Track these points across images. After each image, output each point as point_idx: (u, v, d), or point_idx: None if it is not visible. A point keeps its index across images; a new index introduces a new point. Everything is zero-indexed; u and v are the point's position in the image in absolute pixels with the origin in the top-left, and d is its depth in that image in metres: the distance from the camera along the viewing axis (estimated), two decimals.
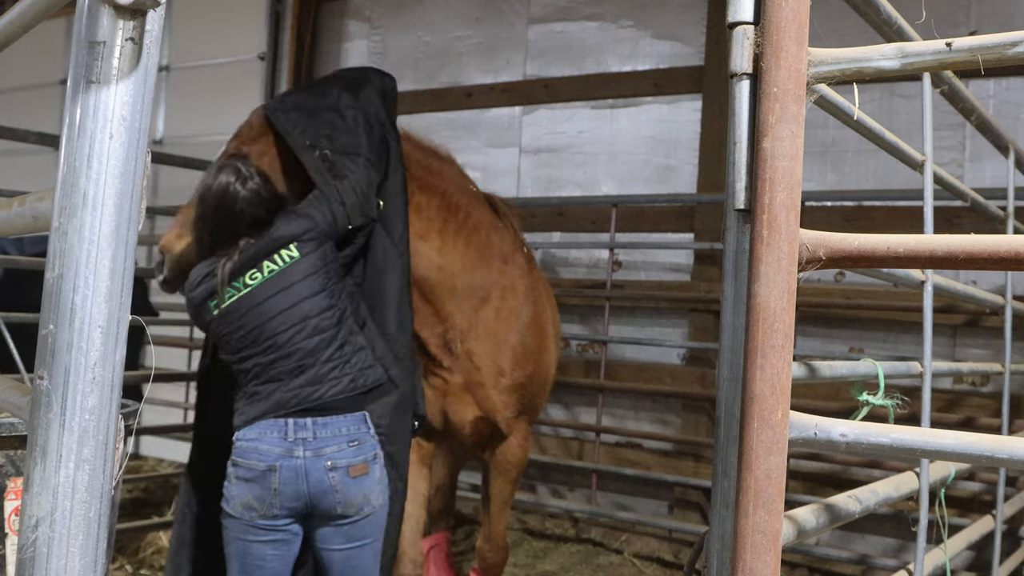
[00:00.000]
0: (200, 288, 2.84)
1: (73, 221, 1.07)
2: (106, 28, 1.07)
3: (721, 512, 1.41)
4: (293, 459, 2.68)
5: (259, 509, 2.68)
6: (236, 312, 2.78)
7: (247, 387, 2.79)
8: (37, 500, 1.06)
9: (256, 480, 2.67)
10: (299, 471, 2.67)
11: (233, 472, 2.71)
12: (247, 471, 2.69)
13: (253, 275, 2.80)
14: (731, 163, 1.40)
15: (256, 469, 2.68)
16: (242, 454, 2.70)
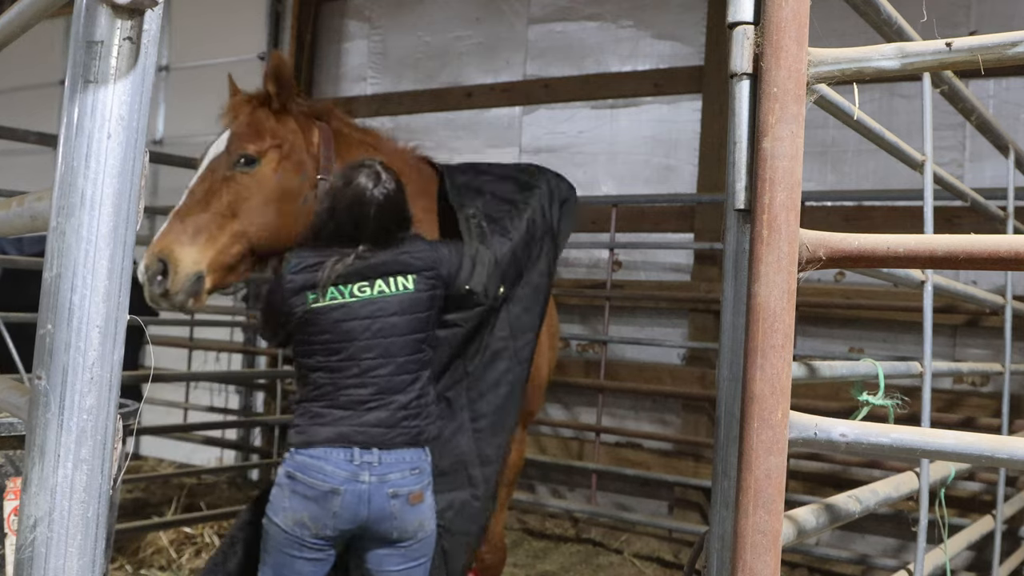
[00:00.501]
0: (302, 275, 2.74)
1: (71, 221, 1.07)
2: (104, 28, 1.07)
3: (721, 512, 1.41)
4: (358, 483, 2.62)
5: (312, 528, 2.61)
6: (329, 316, 2.70)
7: (312, 403, 2.71)
8: (35, 500, 1.06)
9: (316, 500, 2.60)
10: (362, 496, 2.62)
11: (289, 485, 2.63)
12: (308, 488, 2.61)
13: (362, 288, 2.72)
14: (731, 163, 1.40)
15: (319, 489, 2.60)
16: (304, 470, 2.62)
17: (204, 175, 3.03)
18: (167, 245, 2.88)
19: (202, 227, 2.93)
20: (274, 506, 2.67)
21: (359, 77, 7.27)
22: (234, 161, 3.03)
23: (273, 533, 2.66)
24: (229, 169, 3.03)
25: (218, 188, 3.01)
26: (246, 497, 6.20)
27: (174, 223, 2.93)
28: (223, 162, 3.05)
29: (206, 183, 3.01)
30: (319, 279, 2.72)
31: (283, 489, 2.65)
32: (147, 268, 2.85)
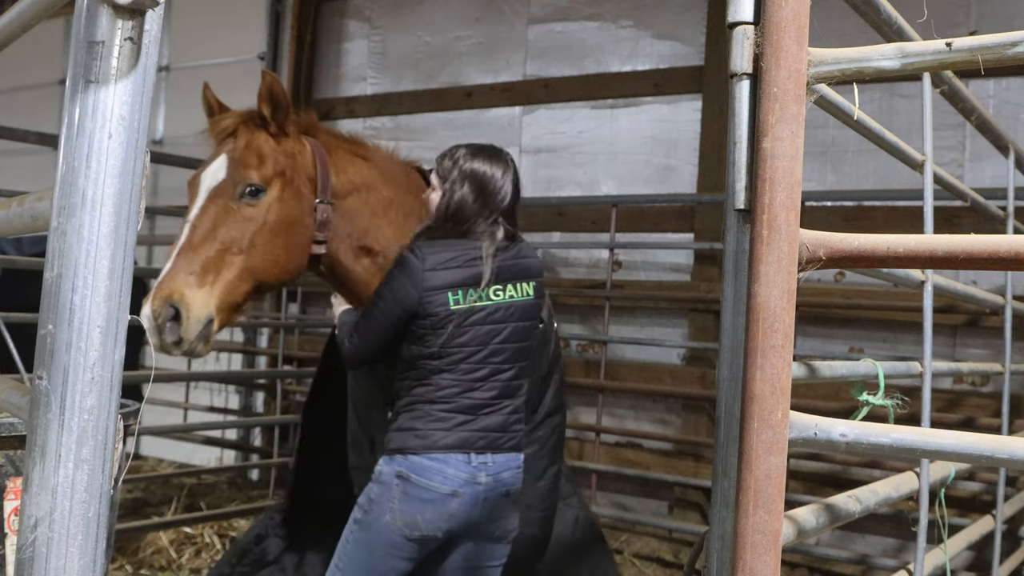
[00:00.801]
0: (443, 273, 2.65)
1: (72, 221, 1.07)
2: (105, 28, 1.07)
3: (721, 512, 1.41)
4: (475, 486, 2.62)
5: (423, 530, 2.58)
6: (470, 319, 2.66)
7: (432, 405, 2.65)
8: (36, 500, 1.06)
9: (433, 502, 2.57)
10: (477, 497, 2.62)
11: (400, 486, 2.58)
12: (424, 491, 2.57)
13: (497, 291, 2.70)
14: (731, 163, 1.40)
15: (438, 492, 2.58)
16: (420, 472, 2.58)
17: (206, 206, 2.81)
18: (177, 288, 2.66)
19: (209, 265, 2.73)
20: (378, 506, 2.59)
21: (359, 77, 7.27)
22: (240, 192, 2.83)
23: (374, 533, 2.59)
24: (234, 200, 2.83)
25: (223, 221, 2.80)
26: (246, 497, 6.20)
27: (180, 262, 2.70)
28: (226, 192, 2.84)
29: (209, 215, 2.80)
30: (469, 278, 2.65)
31: (391, 489, 2.59)
32: (156, 314, 2.61)
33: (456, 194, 2.73)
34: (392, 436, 2.68)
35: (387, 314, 2.69)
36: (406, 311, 2.66)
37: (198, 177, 2.87)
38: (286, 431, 6.63)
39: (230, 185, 2.82)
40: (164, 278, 2.67)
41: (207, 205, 2.81)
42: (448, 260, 2.67)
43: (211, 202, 2.82)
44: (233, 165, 2.85)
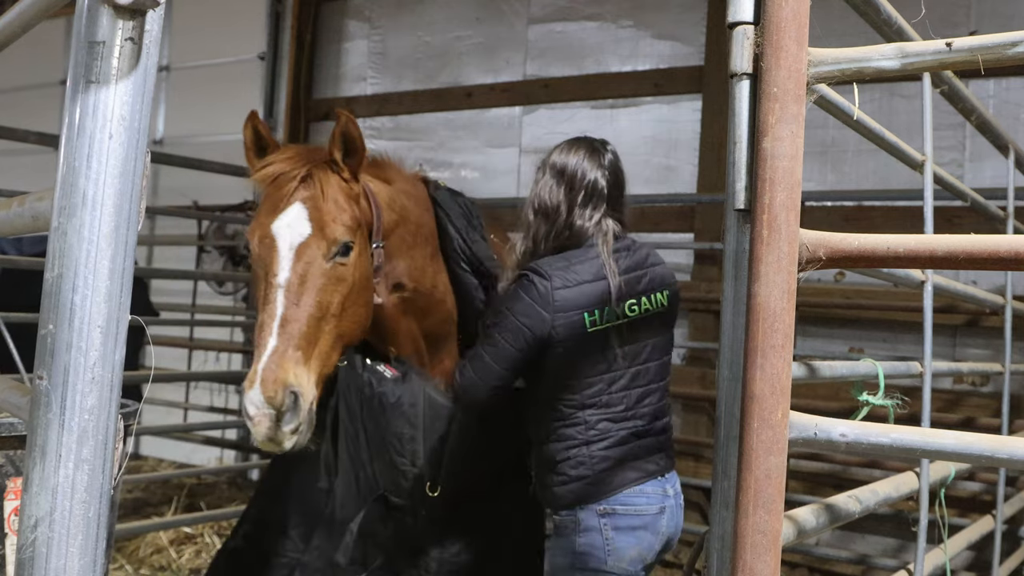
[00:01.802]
0: (574, 291, 2.39)
1: (72, 221, 1.07)
2: (106, 28, 1.07)
3: (721, 512, 1.41)
4: (669, 498, 2.51)
5: (645, 558, 2.43)
6: (607, 341, 2.43)
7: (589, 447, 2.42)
8: (36, 500, 1.06)
9: (647, 527, 2.43)
10: (673, 511, 2.51)
11: (610, 522, 2.40)
12: (636, 518, 2.42)
13: (632, 306, 2.46)
14: (731, 163, 1.40)
15: (647, 514, 2.43)
16: (624, 500, 2.41)
17: (297, 268, 2.48)
18: (291, 369, 2.34)
19: (312, 337, 2.43)
20: (593, 557, 2.40)
21: (359, 77, 7.27)
22: (333, 252, 2.52)
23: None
24: (326, 260, 2.51)
25: (316, 285, 2.48)
26: (246, 497, 6.20)
27: (283, 337, 2.38)
28: (315, 250, 2.51)
29: (301, 279, 2.47)
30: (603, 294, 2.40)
31: (600, 533, 2.40)
32: (274, 401, 2.28)
33: (536, 187, 2.55)
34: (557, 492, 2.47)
35: (517, 341, 2.41)
36: (538, 338, 2.40)
37: (270, 228, 2.52)
38: None
39: (319, 242, 2.51)
40: (273, 358, 2.34)
41: (298, 266, 2.48)
42: (576, 276, 2.42)
43: (300, 262, 2.49)
44: (318, 218, 2.52)
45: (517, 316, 2.41)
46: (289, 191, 2.56)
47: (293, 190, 2.56)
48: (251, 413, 2.27)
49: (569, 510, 2.45)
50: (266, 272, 2.49)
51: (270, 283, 2.46)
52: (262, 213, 2.58)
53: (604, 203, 2.51)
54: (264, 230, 2.53)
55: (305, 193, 2.56)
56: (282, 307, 2.42)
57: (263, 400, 2.27)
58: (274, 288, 2.45)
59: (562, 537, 2.46)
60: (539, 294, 2.39)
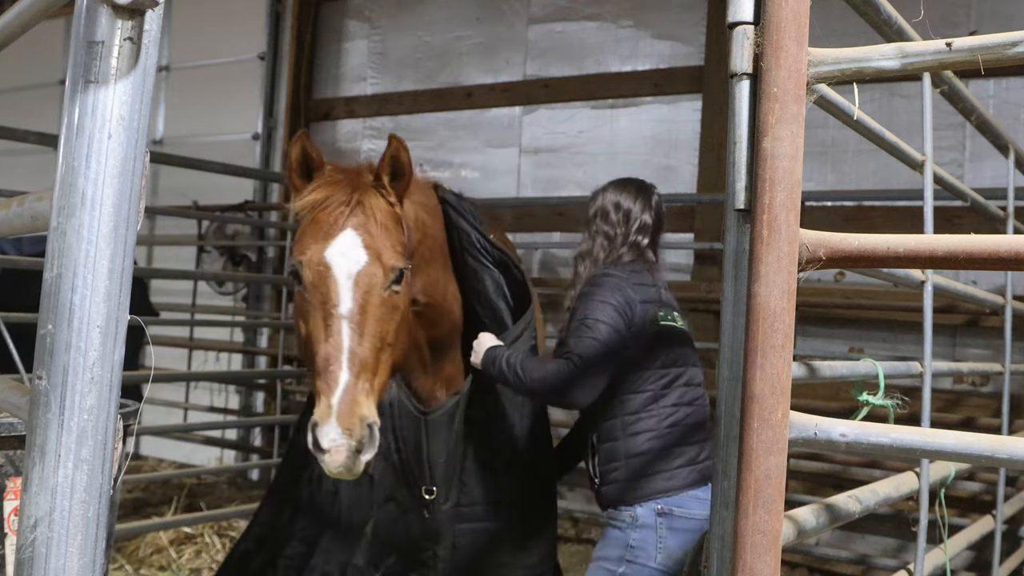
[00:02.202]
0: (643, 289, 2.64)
1: (72, 221, 1.07)
2: (104, 28, 1.07)
3: (721, 512, 1.41)
4: None
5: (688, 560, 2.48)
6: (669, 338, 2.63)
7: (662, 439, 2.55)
8: (36, 500, 1.06)
9: (700, 531, 2.47)
10: None
11: (665, 523, 2.50)
12: (691, 522, 2.51)
13: (672, 315, 2.73)
14: (731, 163, 1.40)
15: (700, 518, 2.51)
16: (683, 504, 2.52)
17: (356, 297, 2.46)
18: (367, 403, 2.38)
19: (375, 367, 2.46)
20: (644, 551, 2.49)
21: (359, 77, 7.27)
22: (390, 280, 2.52)
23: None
24: (385, 289, 2.51)
25: (376, 315, 2.48)
26: (246, 497, 6.20)
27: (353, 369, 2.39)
28: (374, 279, 2.50)
29: (362, 308, 2.46)
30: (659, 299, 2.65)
31: (654, 529, 2.50)
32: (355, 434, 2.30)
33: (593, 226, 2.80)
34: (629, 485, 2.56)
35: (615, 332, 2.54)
36: (627, 325, 2.57)
37: (323, 255, 2.49)
38: (286, 431, 6.63)
39: (377, 270, 2.50)
40: (347, 392, 2.35)
41: (358, 296, 2.47)
42: (638, 279, 2.67)
43: (360, 291, 2.48)
44: (372, 246, 2.52)
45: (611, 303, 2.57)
46: (339, 216, 2.52)
47: (344, 216, 2.53)
48: (325, 446, 2.28)
49: (629, 506, 2.54)
50: (324, 301, 2.46)
51: (330, 313, 2.44)
52: (310, 238, 2.53)
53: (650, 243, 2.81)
54: (318, 257, 2.49)
55: (356, 219, 2.53)
56: (348, 339, 2.41)
57: (341, 433, 2.29)
58: (336, 319, 2.43)
59: (617, 529, 2.55)
60: (620, 286, 2.60)
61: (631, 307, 2.59)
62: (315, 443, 2.32)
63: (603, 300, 2.59)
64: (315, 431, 2.32)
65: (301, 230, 2.60)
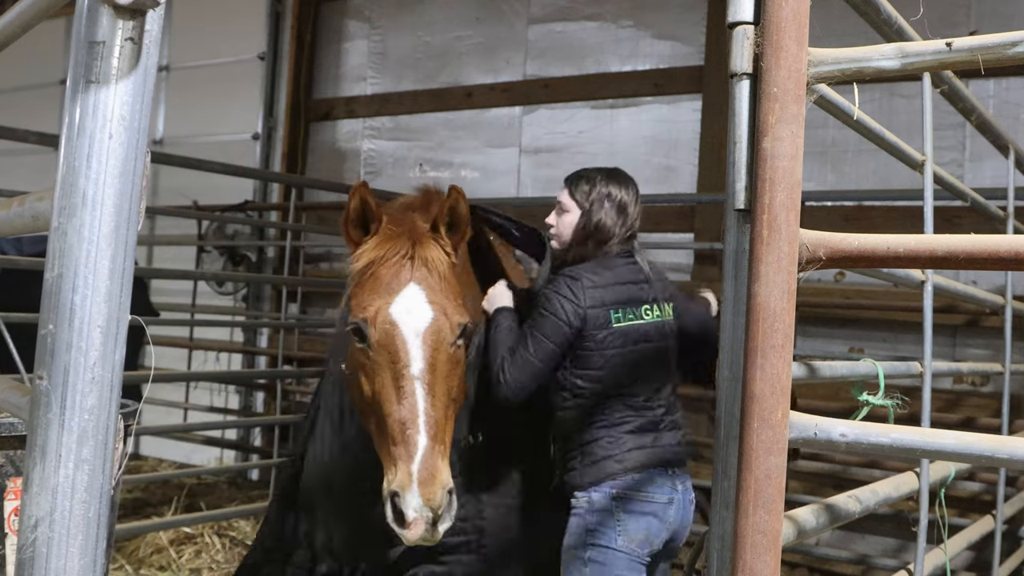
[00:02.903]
0: (603, 292, 2.66)
1: (72, 221, 1.07)
2: (105, 28, 1.07)
3: (721, 512, 1.41)
4: (677, 492, 2.68)
5: (651, 544, 2.62)
6: (630, 336, 2.68)
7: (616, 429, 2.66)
8: (36, 500, 1.06)
9: (655, 513, 2.62)
10: (680, 504, 2.68)
11: (620, 506, 2.61)
12: (647, 504, 2.62)
13: (647, 310, 2.74)
14: (731, 163, 1.40)
15: (657, 502, 2.63)
16: (637, 487, 2.62)
17: (426, 355, 2.41)
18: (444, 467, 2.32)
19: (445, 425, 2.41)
20: (604, 535, 2.59)
21: (359, 77, 7.27)
22: (456, 336, 2.49)
23: (615, 563, 2.58)
24: (451, 345, 2.48)
25: (445, 372, 2.45)
26: (246, 497, 6.20)
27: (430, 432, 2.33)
28: (440, 336, 2.45)
29: (431, 366, 2.42)
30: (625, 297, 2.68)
31: (611, 514, 2.60)
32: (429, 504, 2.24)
33: (596, 216, 2.77)
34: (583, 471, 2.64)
35: (556, 336, 2.61)
36: (573, 331, 2.62)
37: (388, 312, 2.44)
38: (286, 431, 6.63)
39: (443, 326, 2.46)
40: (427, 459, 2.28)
41: (428, 354, 2.42)
42: (603, 280, 2.69)
43: (429, 349, 2.42)
44: (437, 301, 2.48)
45: (555, 311, 2.61)
46: (400, 270, 2.48)
47: (405, 269, 2.48)
48: (410, 517, 2.22)
49: (584, 491, 2.63)
50: (393, 360, 2.40)
51: (401, 373, 2.38)
52: (372, 293, 2.47)
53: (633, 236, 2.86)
54: (384, 314, 2.43)
55: (418, 273, 2.48)
56: (422, 400, 2.35)
57: (422, 504, 2.23)
58: (408, 379, 2.37)
59: (577, 517, 2.64)
60: (574, 291, 2.62)
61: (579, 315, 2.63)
62: (397, 514, 2.26)
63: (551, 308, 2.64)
64: (396, 501, 2.25)
65: (359, 285, 2.53)
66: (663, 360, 2.77)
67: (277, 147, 7.53)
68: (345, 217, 2.56)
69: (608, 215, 2.78)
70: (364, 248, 2.53)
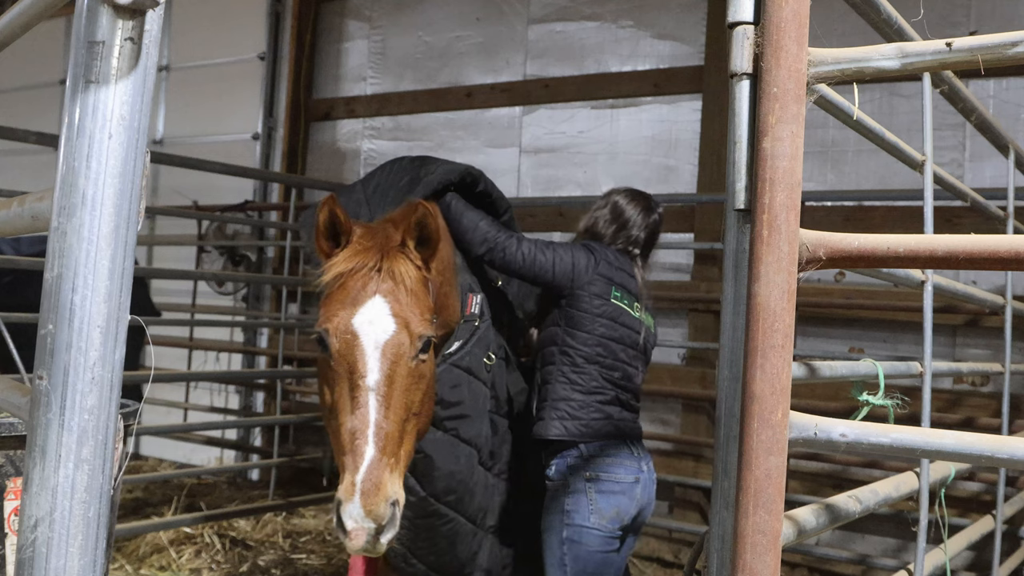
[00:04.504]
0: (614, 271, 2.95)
1: (72, 221, 1.07)
2: (105, 28, 1.07)
3: (721, 512, 1.41)
4: (643, 472, 2.90)
5: (621, 520, 2.83)
6: (624, 318, 2.95)
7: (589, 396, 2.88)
8: (36, 500, 1.06)
9: (624, 492, 2.83)
10: (645, 483, 2.90)
11: (593, 487, 2.82)
12: (616, 484, 2.83)
13: (637, 307, 3.02)
14: (731, 163, 1.40)
15: (624, 482, 2.84)
16: (605, 470, 2.84)
17: (384, 367, 2.40)
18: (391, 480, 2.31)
19: (400, 440, 2.39)
20: (579, 513, 2.80)
21: (359, 77, 7.27)
22: (417, 350, 2.46)
23: (590, 539, 2.80)
24: (412, 359, 2.45)
25: (404, 385, 2.43)
26: (246, 497, 6.21)
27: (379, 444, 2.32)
28: (401, 349, 2.44)
29: (388, 379, 2.40)
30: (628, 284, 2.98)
31: (586, 494, 2.82)
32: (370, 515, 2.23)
33: (593, 216, 3.13)
34: (549, 424, 2.86)
35: (559, 262, 2.89)
36: (572, 277, 2.90)
37: (351, 323, 2.44)
38: (286, 431, 6.63)
39: (404, 339, 2.44)
40: (371, 469, 2.28)
41: (385, 366, 2.41)
42: (616, 262, 2.98)
43: (387, 361, 2.42)
44: (400, 313, 2.47)
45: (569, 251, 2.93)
46: (367, 283, 2.48)
47: (372, 282, 2.48)
48: (349, 527, 2.22)
49: (561, 463, 2.86)
50: (350, 371, 2.40)
51: (357, 384, 2.38)
52: (338, 304, 2.48)
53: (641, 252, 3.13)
54: (345, 325, 2.44)
55: (385, 286, 2.48)
56: (374, 411, 2.35)
57: (363, 514, 2.22)
58: (363, 390, 2.37)
59: (554, 499, 2.87)
60: (591, 254, 2.94)
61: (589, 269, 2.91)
62: (339, 522, 2.26)
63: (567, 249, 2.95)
64: (339, 510, 2.26)
65: (328, 296, 2.53)
66: (640, 352, 3.02)
67: (277, 147, 7.53)
68: (316, 230, 2.55)
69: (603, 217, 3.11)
70: (334, 260, 2.53)
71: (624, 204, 3.12)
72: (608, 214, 3.11)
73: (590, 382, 2.88)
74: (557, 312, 2.95)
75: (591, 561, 2.80)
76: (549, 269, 2.90)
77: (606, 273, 2.91)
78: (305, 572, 4.86)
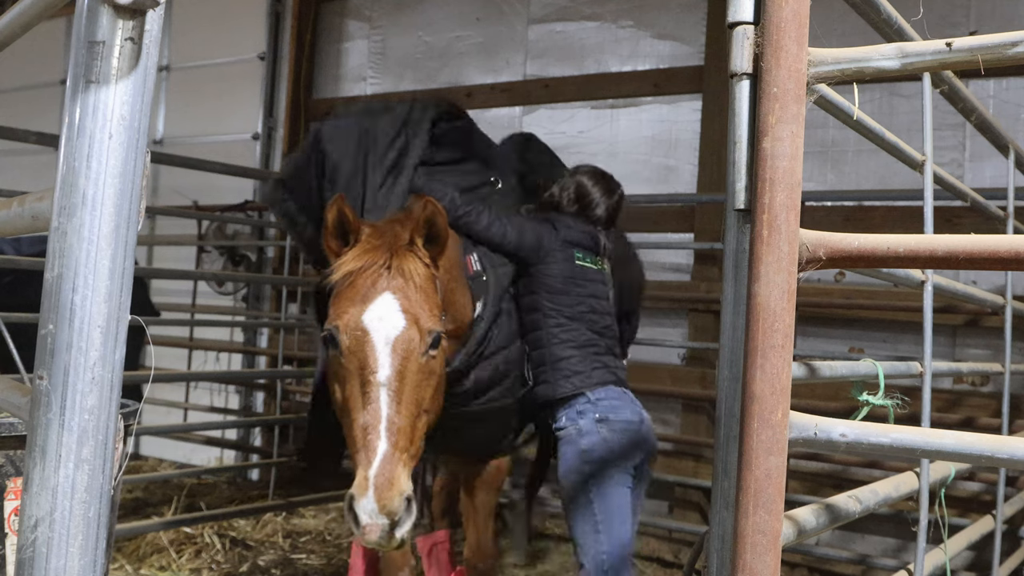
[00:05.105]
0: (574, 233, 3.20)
1: (72, 221, 1.07)
2: (105, 28, 1.07)
3: (721, 512, 1.41)
4: (644, 416, 3.11)
5: (632, 459, 3.02)
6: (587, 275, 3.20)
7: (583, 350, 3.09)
8: (36, 500, 1.06)
9: (632, 431, 3.02)
10: (649, 427, 3.11)
11: (607, 426, 2.99)
12: (626, 424, 3.02)
13: (597, 261, 3.25)
14: (731, 163, 1.40)
15: (633, 422, 3.03)
16: (612, 411, 3.03)
17: (394, 363, 2.42)
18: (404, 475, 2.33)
19: (411, 435, 2.41)
20: (595, 452, 2.97)
21: (359, 77, 7.27)
22: (428, 346, 2.49)
23: (612, 472, 2.98)
24: (423, 355, 2.48)
25: (415, 382, 2.45)
26: (246, 497, 6.20)
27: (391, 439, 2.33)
28: (412, 345, 2.46)
29: (400, 375, 2.42)
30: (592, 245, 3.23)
31: (597, 434, 2.98)
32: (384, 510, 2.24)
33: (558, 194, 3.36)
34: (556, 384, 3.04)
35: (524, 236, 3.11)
36: (538, 248, 3.12)
37: (361, 320, 2.46)
38: (286, 431, 6.63)
39: (414, 335, 2.47)
40: (384, 464, 2.29)
41: (396, 362, 2.43)
42: (575, 224, 3.24)
43: (398, 358, 2.43)
44: (410, 310, 2.49)
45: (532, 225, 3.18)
46: (377, 280, 2.50)
47: (381, 279, 2.50)
48: (364, 522, 2.24)
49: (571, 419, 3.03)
50: (361, 367, 2.41)
51: (368, 380, 2.39)
52: (347, 302, 2.49)
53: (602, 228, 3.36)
54: (355, 322, 2.45)
55: (394, 283, 2.50)
56: (386, 407, 2.36)
57: (377, 509, 2.23)
58: (374, 386, 2.38)
59: (570, 444, 3.01)
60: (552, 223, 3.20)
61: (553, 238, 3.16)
62: (353, 517, 2.28)
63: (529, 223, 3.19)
64: (353, 505, 2.27)
65: (338, 294, 2.54)
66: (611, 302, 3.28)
67: (277, 147, 7.53)
68: (325, 229, 2.58)
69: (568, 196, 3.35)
70: (344, 259, 2.55)
71: (588, 185, 3.38)
72: (572, 194, 3.35)
73: (581, 337, 3.08)
74: (529, 281, 3.16)
75: (615, 495, 2.95)
76: (514, 241, 3.11)
77: (567, 237, 3.17)
78: (305, 572, 4.86)
